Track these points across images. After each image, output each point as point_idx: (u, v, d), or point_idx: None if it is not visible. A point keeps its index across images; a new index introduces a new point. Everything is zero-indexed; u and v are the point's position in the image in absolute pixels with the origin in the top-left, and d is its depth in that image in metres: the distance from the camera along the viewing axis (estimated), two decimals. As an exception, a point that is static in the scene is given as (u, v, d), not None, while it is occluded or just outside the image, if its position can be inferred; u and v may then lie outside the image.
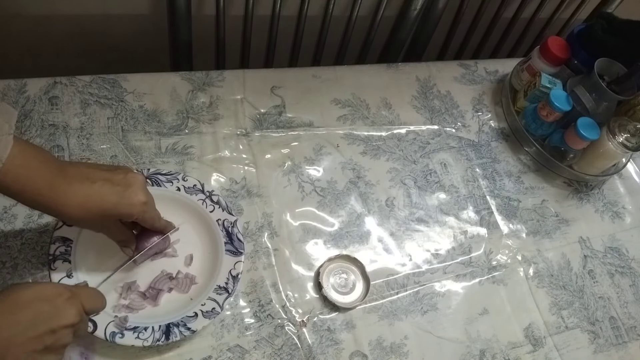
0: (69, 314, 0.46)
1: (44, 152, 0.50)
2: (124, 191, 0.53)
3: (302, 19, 1.00)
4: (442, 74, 0.98)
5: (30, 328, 0.44)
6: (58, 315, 0.45)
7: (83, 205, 0.50)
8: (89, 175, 0.52)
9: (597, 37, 0.89)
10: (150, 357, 0.61)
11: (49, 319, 0.45)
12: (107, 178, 0.52)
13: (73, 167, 0.52)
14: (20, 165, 0.46)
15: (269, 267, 0.70)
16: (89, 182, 0.51)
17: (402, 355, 0.69)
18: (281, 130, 0.82)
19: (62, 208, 0.49)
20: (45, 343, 0.45)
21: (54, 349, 0.46)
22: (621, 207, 0.93)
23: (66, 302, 0.46)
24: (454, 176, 0.86)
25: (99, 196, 0.51)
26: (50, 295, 0.46)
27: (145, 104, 0.78)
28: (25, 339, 0.44)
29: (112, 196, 0.52)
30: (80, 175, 0.51)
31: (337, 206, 0.78)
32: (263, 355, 0.64)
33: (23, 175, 0.47)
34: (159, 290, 0.62)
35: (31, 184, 0.47)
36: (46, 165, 0.49)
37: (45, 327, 0.44)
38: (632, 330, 0.81)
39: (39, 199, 0.48)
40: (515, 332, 0.75)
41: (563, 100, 0.86)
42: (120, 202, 0.52)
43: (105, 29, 0.96)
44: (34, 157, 0.48)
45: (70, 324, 0.46)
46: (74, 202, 0.50)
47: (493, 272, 0.79)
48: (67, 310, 0.46)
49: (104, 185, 0.52)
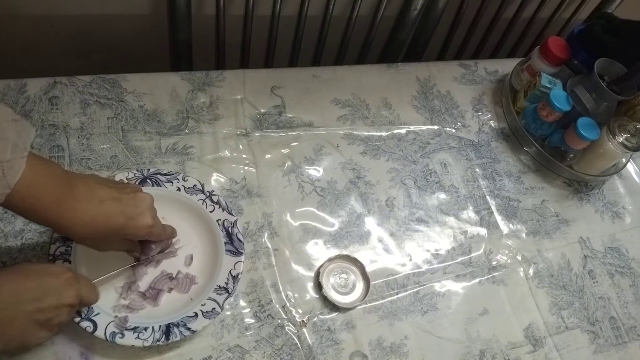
0: (70, 294, 0.48)
1: (53, 167, 0.49)
2: (132, 212, 0.52)
3: (302, 19, 1.00)
4: (442, 74, 0.98)
5: (38, 299, 0.45)
6: (62, 292, 0.47)
7: (89, 225, 0.50)
8: (98, 193, 0.51)
9: (597, 37, 0.89)
10: (150, 357, 0.60)
11: (55, 293, 0.47)
12: (116, 197, 0.52)
13: (82, 182, 0.51)
14: (28, 186, 0.45)
15: (269, 267, 0.70)
16: (97, 200, 0.50)
17: (402, 355, 0.69)
18: (281, 130, 0.82)
19: (68, 226, 0.49)
20: (47, 316, 0.47)
21: (50, 326, 0.48)
22: (621, 207, 0.93)
23: (69, 281, 0.48)
24: (454, 176, 0.86)
25: (106, 216, 0.51)
26: (55, 272, 0.48)
27: (145, 104, 0.78)
28: (33, 309, 0.45)
29: (120, 217, 0.51)
30: (88, 192, 0.50)
31: (337, 206, 0.78)
32: (263, 355, 0.64)
33: (31, 195, 0.46)
34: (159, 291, 0.62)
35: (38, 203, 0.47)
36: (55, 183, 0.48)
37: (51, 302, 0.46)
38: (632, 330, 0.81)
39: (46, 217, 0.48)
40: (515, 332, 0.75)
41: (563, 100, 0.86)
42: (127, 224, 0.52)
43: (105, 29, 0.96)
44: (44, 175, 0.47)
45: (70, 303, 0.48)
46: (80, 222, 0.49)
47: (493, 272, 0.79)
48: (69, 289, 0.48)
49: (112, 205, 0.51)
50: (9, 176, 0.43)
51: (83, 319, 0.56)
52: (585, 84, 0.87)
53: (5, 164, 0.43)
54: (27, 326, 0.45)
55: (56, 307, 0.47)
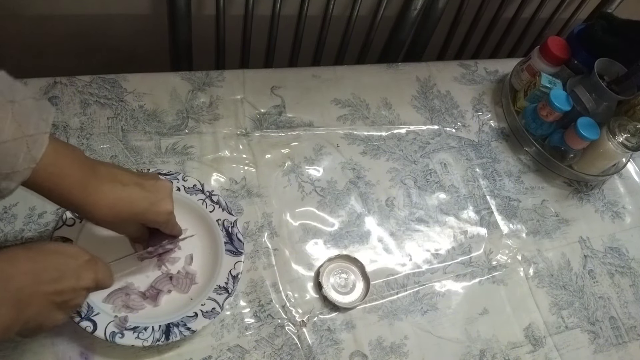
0: (88, 277, 0.47)
1: (76, 151, 0.49)
2: (154, 198, 0.53)
3: (302, 19, 1.00)
4: (442, 74, 0.98)
5: (56, 280, 0.44)
6: (80, 274, 0.47)
7: (113, 207, 0.50)
8: (121, 177, 0.51)
9: (597, 37, 0.89)
10: (150, 357, 0.61)
11: (74, 274, 0.46)
12: (138, 182, 0.52)
13: (105, 167, 0.51)
14: (52, 164, 0.46)
15: (269, 267, 0.70)
16: (121, 184, 0.51)
17: (402, 355, 0.69)
18: (281, 130, 0.82)
19: (91, 208, 0.49)
20: (64, 298, 0.46)
21: (67, 307, 0.47)
22: (621, 207, 0.93)
23: (87, 264, 0.47)
24: (454, 176, 0.86)
25: (129, 200, 0.51)
26: (73, 253, 0.47)
27: (145, 104, 0.78)
28: (51, 290, 0.44)
29: (143, 202, 0.52)
30: (111, 176, 0.51)
31: (337, 206, 0.78)
32: (263, 355, 0.64)
33: (55, 174, 0.46)
34: (159, 291, 0.62)
35: (62, 183, 0.47)
36: (78, 164, 0.48)
37: (69, 283, 0.45)
38: (632, 330, 0.81)
39: (70, 198, 0.48)
40: (515, 332, 0.75)
41: (563, 100, 0.86)
42: (149, 209, 0.53)
43: (105, 29, 0.96)
44: (67, 156, 0.47)
45: (87, 286, 0.47)
46: (104, 203, 0.49)
47: (493, 272, 0.79)
48: (87, 272, 0.47)
49: (135, 189, 0.51)
50: (34, 150, 0.44)
51: (83, 319, 0.57)
52: (585, 84, 0.87)
53: (29, 139, 0.43)
54: (44, 307, 0.44)
55: (74, 290, 0.46)
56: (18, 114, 0.43)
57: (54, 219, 0.65)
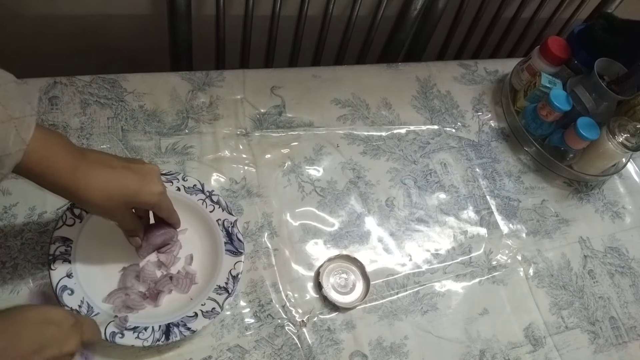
0: (72, 343, 0.46)
1: (62, 136, 0.50)
2: (143, 180, 0.53)
3: (302, 19, 1.00)
4: (442, 74, 0.98)
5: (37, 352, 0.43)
6: (64, 341, 0.45)
7: (104, 189, 0.51)
8: (109, 161, 0.52)
9: (597, 37, 0.89)
10: (150, 357, 0.61)
11: (55, 343, 0.44)
12: (126, 166, 0.53)
13: (92, 152, 0.52)
14: (43, 147, 0.46)
15: (269, 267, 0.70)
16: (110, 167, 0.52)
17: (402, 355, 0.69)
18: (281, 130, 0.82)
19: (83, 192, 0.50)
20: None
21: None
22: (621, 207, 0.93)
23: (71, 329, 0.46)
24: (454, 176, 0.86)
25: (119, 182, 0.52)
26: (56, 319, 0.46)
27: (145, 104, 0.78)
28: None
29: (133, 184, 0.53)
30: (100, 160, 0.52)
31: (337, 206, 0.78)
32: (263, 355, 0.64)
33: (46, 157, 0.47)
34: (159, 291, 0.62)
35: (53, 166, 0.47)
36: (68, 148, 0.49)
37: (52, 353, 0.44)
38: (632, 330, 0.81)
39: (61, 182, 0.48)
40: (515, 332, 0.75)
41: (563, 100, 0.86)
42: (141, 190, 0.53)
43: (105, 29, 0.96)
44: (56, 141, 0.48)
45: (72, 351, 0.46)
46: (95, 186, 0.50)
47: (493, 272, 0.79)
48: (71, 337, 0.46)
49: (124, 172, 0.52)
50: (22, 132, 0.44)
51: (83, 318, 0.57)
52: (585, 84, 0.87)
53: (16, 121, 0.43)
54: None
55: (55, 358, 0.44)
56: (3, 98, 0.43)
57: (54, 219, 0.65)
